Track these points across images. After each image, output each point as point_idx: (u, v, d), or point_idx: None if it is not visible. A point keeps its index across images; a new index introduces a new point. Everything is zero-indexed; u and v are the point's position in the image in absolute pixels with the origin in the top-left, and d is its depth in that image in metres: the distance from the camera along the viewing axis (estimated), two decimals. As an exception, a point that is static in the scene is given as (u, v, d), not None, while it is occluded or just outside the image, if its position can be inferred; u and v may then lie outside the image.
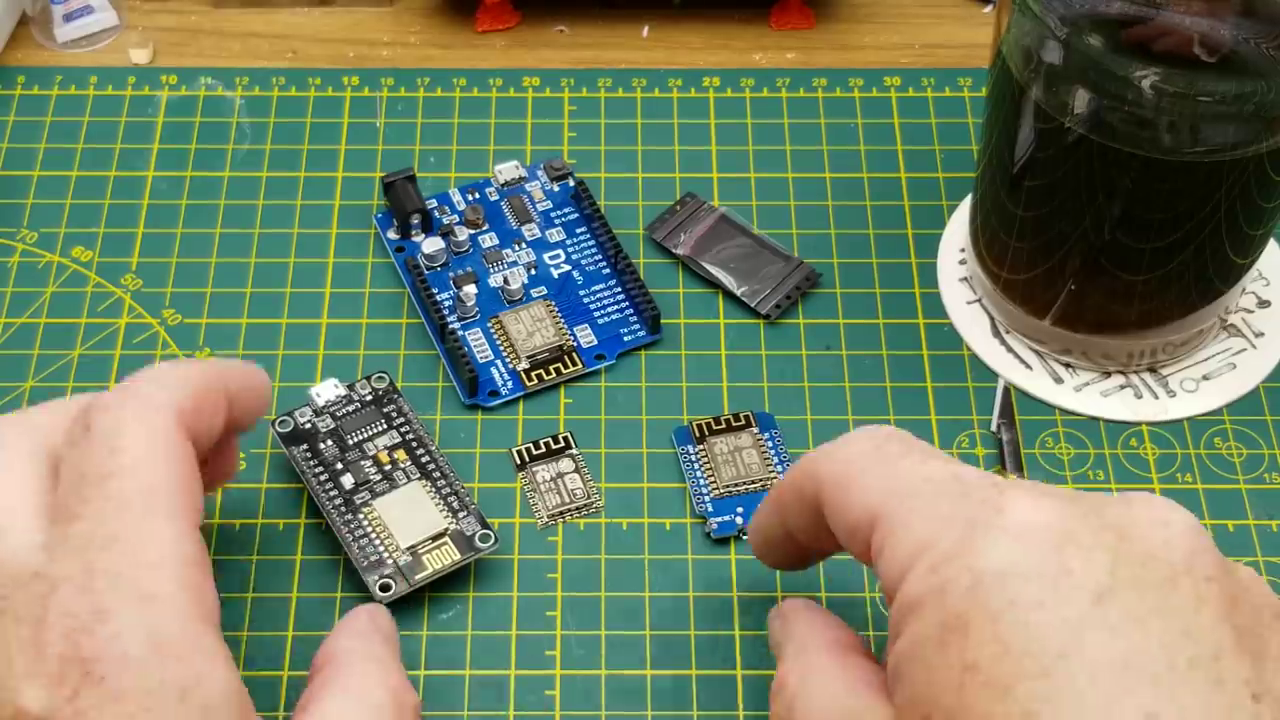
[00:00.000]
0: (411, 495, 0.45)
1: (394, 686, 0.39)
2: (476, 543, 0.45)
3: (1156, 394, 0.49)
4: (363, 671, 0.39)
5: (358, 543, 0.44)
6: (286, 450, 0.46)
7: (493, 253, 0.52)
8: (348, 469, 0.46)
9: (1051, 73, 0.43)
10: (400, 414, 0.47)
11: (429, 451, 0.46)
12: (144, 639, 0.33)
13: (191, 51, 0.59)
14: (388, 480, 0.46)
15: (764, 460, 0.47)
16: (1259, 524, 0.47)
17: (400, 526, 0.45)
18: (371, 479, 0.45)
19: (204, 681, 0.34)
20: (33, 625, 0.34)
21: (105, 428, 0.36)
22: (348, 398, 0.47)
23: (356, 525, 0.45)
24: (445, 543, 0.45)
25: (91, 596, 0.34)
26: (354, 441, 0.46)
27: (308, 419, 0.47)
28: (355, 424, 0.47)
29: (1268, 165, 0.43)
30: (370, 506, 0.45)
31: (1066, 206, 0.45)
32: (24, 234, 0.53)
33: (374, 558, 0.44)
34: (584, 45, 0.59)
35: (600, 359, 0.50)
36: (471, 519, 0.45)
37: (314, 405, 0.47)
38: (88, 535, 0.35)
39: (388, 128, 0.56)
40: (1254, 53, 0.41)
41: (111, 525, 0.35)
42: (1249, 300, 0.52)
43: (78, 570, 0.34)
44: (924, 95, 0.57)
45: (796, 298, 0.51)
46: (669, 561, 0.46)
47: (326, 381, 0.47)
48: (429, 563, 0.44)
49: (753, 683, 0.44)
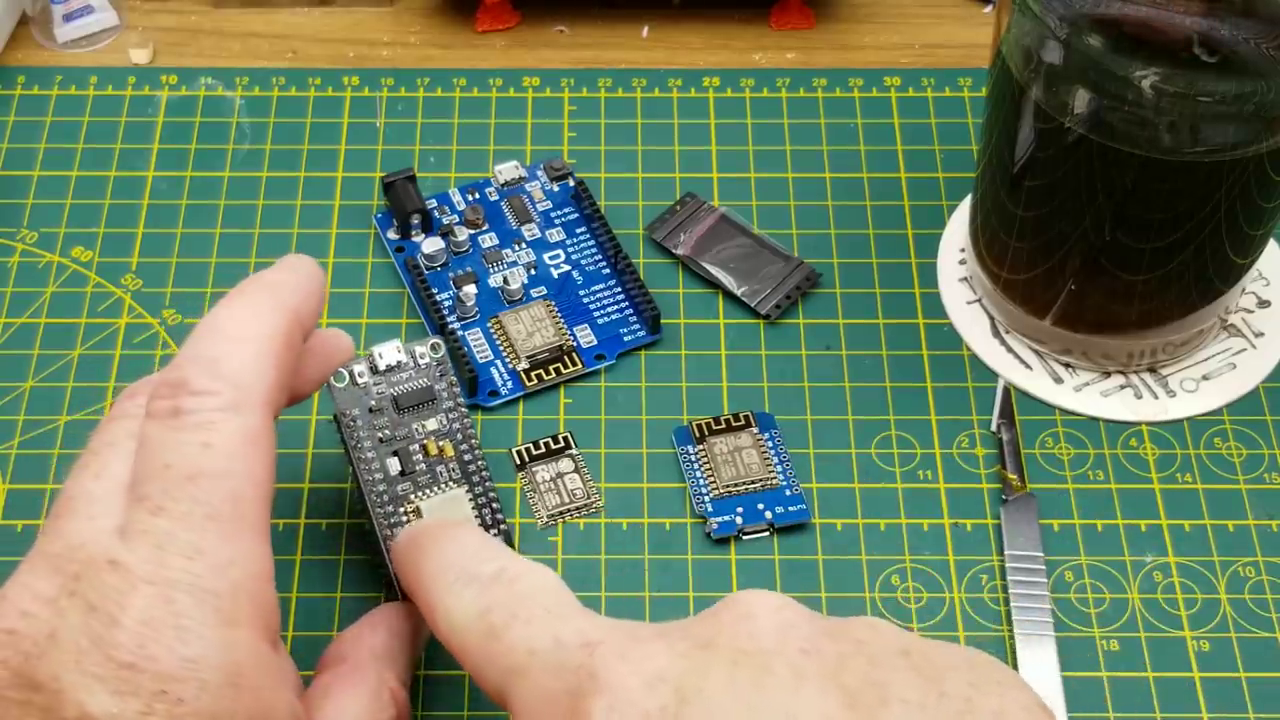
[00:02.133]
0: (452, 503, 0.42)
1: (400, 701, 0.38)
2: None
3: (1156, 394, 0.49)
4: (377, 673, 0.38)
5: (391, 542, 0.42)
6: (340, 409, 0.42)
7: (493, 253, 0.52)
8: (396, 452, 0.42)
9: (1051, 73, 0.43)
10: (450, 395, 0.43)
11: (472, 450, 0.43)
12: (225, 668, 0.32)
13: (191, 51, 0.59)
14: (430, 474, 0.42)
15: (764, 460, 0.47)
16: (1259, 524, 0.47)
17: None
18: (418, 469, 0.42)
19: (273, 713, 0.33)
20: (105, 623, 0.32)
21: (198, 419, 0.34)
22: (408, 363, 0.43)
23: (396, 521, 0.42)
24: None
25: (173, 609, 0.32)
26: (406, 419, 0.43)
27: (366, 379, 0.42)
28: (411, 399, 0.43)
29: (1268, 165, 0.43)
30: (412, 504, 0.42)
31: (1066, 206, 0.45)
32: (24, 234, 0.53)
33: None
34: (584, 45, 0.59)
35: (600, 359, 0.50)
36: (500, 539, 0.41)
37: (375, 364, 0.42)
38: (170, 536, 0.33)
39: (388, 128, 0.56)
40: (1254, 53, 0.41)
41: (197, 532, 0.33)
42: (1249, 300, 0.52)
43: (158, 573, 0.32)
44: (924, 95, 0.57)
45: (796, 298, 0.51)
46: (669, 561, 0.46)
47: (389, 343, 0.43)
48: None
49: (753, 683, 0.44)
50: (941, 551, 0.46)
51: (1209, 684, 0.44)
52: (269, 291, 0.37)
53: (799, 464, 0.48)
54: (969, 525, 0.47)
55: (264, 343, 0.36)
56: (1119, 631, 0.45)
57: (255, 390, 0.35)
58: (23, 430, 0.48)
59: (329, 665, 0.39)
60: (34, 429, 0.48)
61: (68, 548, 0.33)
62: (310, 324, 0.38)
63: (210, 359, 0.35)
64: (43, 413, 0.49)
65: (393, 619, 0.40)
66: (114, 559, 0.32)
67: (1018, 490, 0.47)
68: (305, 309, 0.38)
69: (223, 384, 0.35)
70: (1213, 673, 0.44)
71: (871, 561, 0.46)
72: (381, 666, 0.39)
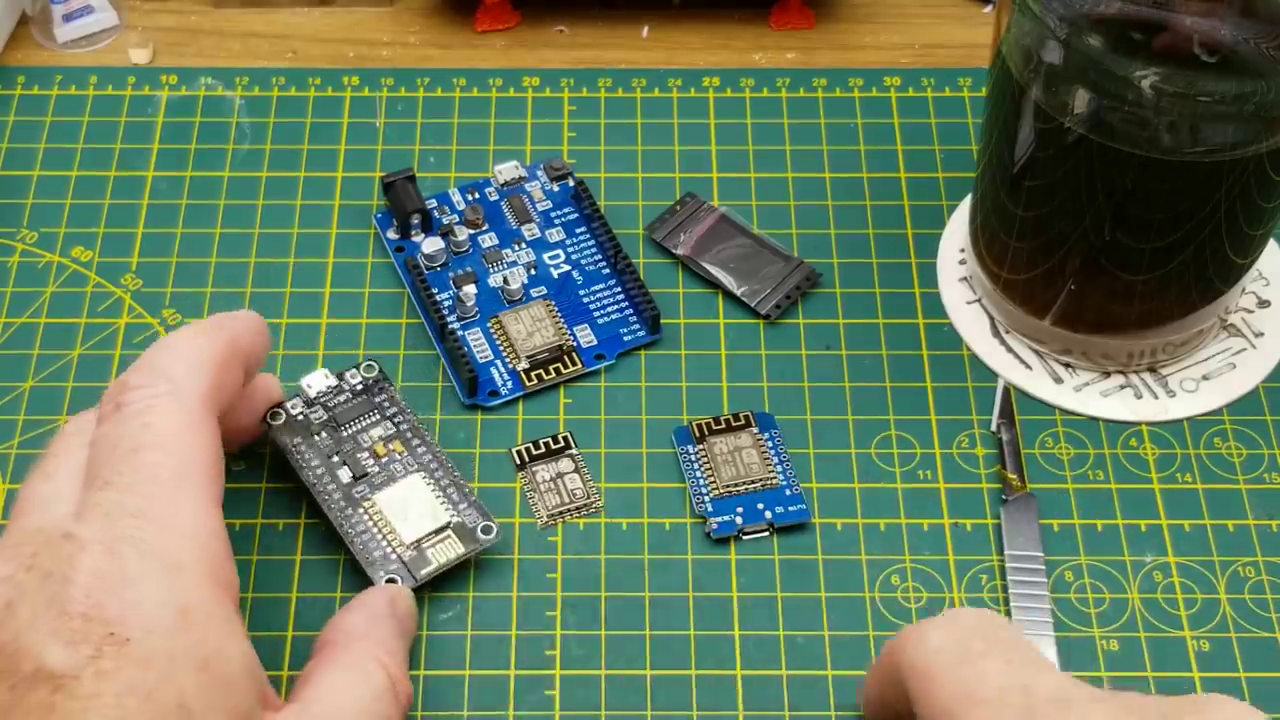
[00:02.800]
0: (411, 489, 0.45)
1: (395, 675, 0.39)
2: (479, 535, 0.44)
3: (1156, 394, 0.49)
4: (367, 654, 0.39)
5: (359, 539, 0.44)
6: (281, 443, 0.46)
7: (492, 253, 0.52)
8: (345, 462, 0.45)
9: (1051, 73, 0.43)
10: (393, 403, 0.46)
11: (425, 442, 0.46)
12: (170, 607, 0.34)
13: (191, 51, 0.59)
14: (385, 473, 0.45)
15: (764, 460, 0.47)
16: (1259, 524, 0.47)
17: (402, 522, 0.44)
18: (370, 471, 0.45)
19: (224, 653, 0.35)
20: (59, 583, 0.34)
21: (138, 406, 0.38)
22: (338, 387, 0.46)
23: (357, 520, 0.44)
24: (448, 536, 0.44)
25: (119, 560, 0.34)
26: (349, 433, 0.46)
27: (300, 411, 0.46)
28: (349, 415, 0.46)
29: (1268, 165, 0.43)
30: (370, 500, 0.44)
31: (1066, 206, 0.45)
32: (24, 234, 0.53)
33: (377, 554, 0.44)
34: (584, 45, 0.59)
35: (600, 359, 0.50)
36: (473, 511, 0.45)
37: (306, 396, 0.46)
38: (117, 503, 0.35)
39: (388, 128, 0.56)
40: (1254, 53, 0.41)
41: (141, 496, 0.36)
42: (1249, 300, 0.52)
43: (106, 534, 0.35)
44: (924, 95, 0.57)
45: (796, 298, 0.51)
46: (669, 561, 0.46)
47: (316, 372, 0.46)
48: (433, 557, 0.44)
49: (753, 683, 0.44)
50: (941, 551, 0.46)
51: (1209, 684, 0.44)
52: (209, 322, 0.42)
53: (799, 464, 0.48)
54: (969, 525, 0.47)
55: (200, 352, 0.40)
56: (1119, 631, 0.45)
57: (191, 386, 0.39)
58: (23, 430, 0.48)
59: (314, 653, 0.40)
60: (34, 429, 0.48)
61: (25, 534, 0.36)
62: (251, 357, 0.42)
63: (150, 364, 0.39)
64: (43, 413, 0.49)
65: (368, 599, 0.42)
66: (68, 532, 0.35)
67: (1018, 490, 0.47)
68: (244, 338, 0.42)
69: (160, 378, 0.39)
70: (1213, 673, 0.44)
71: (871, 561, 0.46)
72: (364, 642, 0.40)
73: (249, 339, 0.42)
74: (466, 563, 0.45)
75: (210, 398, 0.39)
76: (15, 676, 0.33)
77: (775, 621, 0.45)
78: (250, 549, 0.46)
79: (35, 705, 0.32)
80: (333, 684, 0.38)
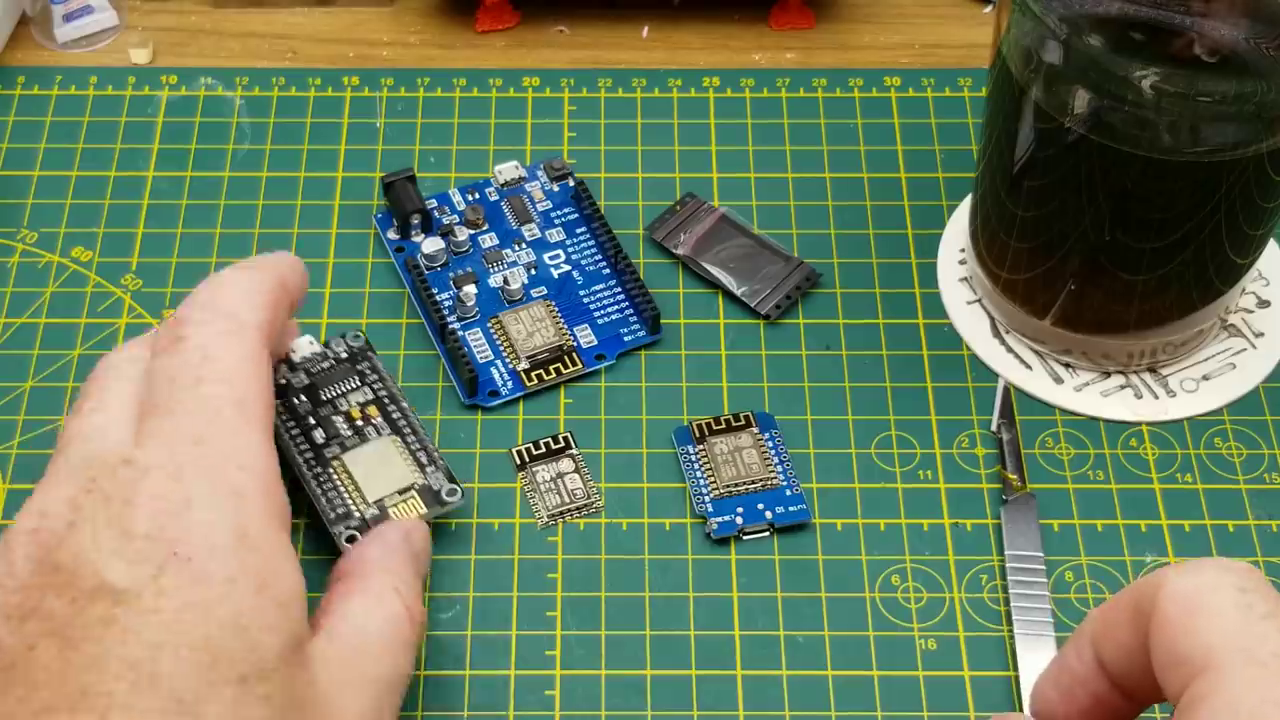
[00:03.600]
0: (381, 450, 0.45)
1: (410, 602, 0.40)
2: (444, 497, 0.45)
3: (1156, 394, 0.49)
4: (384, 583, 0.40)
5: (325, 495, 0.45)
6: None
7: (493, 253, 0.52)
8: (319, 423, 0.46)
9: (1051, 73, 0.43)
10: (374, 371, 0.47)
11: (400, 408, 0.46)
12: (229, 529, 0.35)
13: (191, 51, 0.59)
14: (358, 435, 0.46)
15: (764, 460, 0.47)
16: (1259, 524, 0.47)
17: (368, 480, 0.45)
18: (342, 433, 0.46)
19: (280, 577, 0.35)
20: (121, 505, 0.35)
21: (198, 340, 0.38)
22: (323, 354, 0.47)
23: (325, 478, 0.45)
24: (412, 496, 0.45)
25: (181, 485, 0.35)
26: (327, 397, 0.46)
27: (282, 374, 0.47)
28: (329, 380, 0.47)
29: (1268, 165, 0.43)
30: (340, 460, 0.45)
31: (1066, 206, 0.45)
32: (24, 234, 0.53)
33: (341, 510, 0.45)
34: (584, 45, 0.59)
35: (600, 359, 0.50)
36: (439, 474, 0.45)
37: (290, 360, 0.47)
38: (178, 430, 0.36)
39: (388, 128, 0.56)
40: (1254, 53, 0.41)
41: (203, 425, 0.37)
42: (1249, 300, 0.52)
43: (168, 460, 0.36)
44: (924, 95, 0.57)
45: (796, 298, 0.51)
46: (669, 561, 0.46)
47: (303, 338, 0.47)
48: (395, 515, 0.45)
49: (753, 683, 0.44)
50: (941, 551, 0.46)
51: (1209, 684, 0.43)
52: (254, 261, 0.42)
53: (799, 464, 0.48)
54: (969, 525, 0.47)
55: (257, 288, 0.40)
56: (1119, 631, 0.45)
57: (250, 321, 0.39)
58: (23, 430, 0.48)
59: (330, 584, 0.41)
60: (34, 429, 0.48)
61: (82, 460, 0.36)
62: (295, 296, 0.42)
63: (208, 300, 0.40)
64: (43, 413, 0.49)
65: (384, 532, 0.43)
66: (128, 458, 0.36)
67: (1018, 490, 0.47)
68: (291, 279, 0.42)
69: (219, 314, 0.39)
70: (1213, 673, 0.44)
71: (871, 561, 0.46)
72: (380, 571, 0.41)
73: (295, 279, 0.43)
74: (467, 562, 0.45)
75: (266, 333, 0.40)
76: (75, 590, 0.33)
77: (775, 621, 0.45)
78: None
79: (95, 618, 0.33)
80: (351, 611, 0.39)
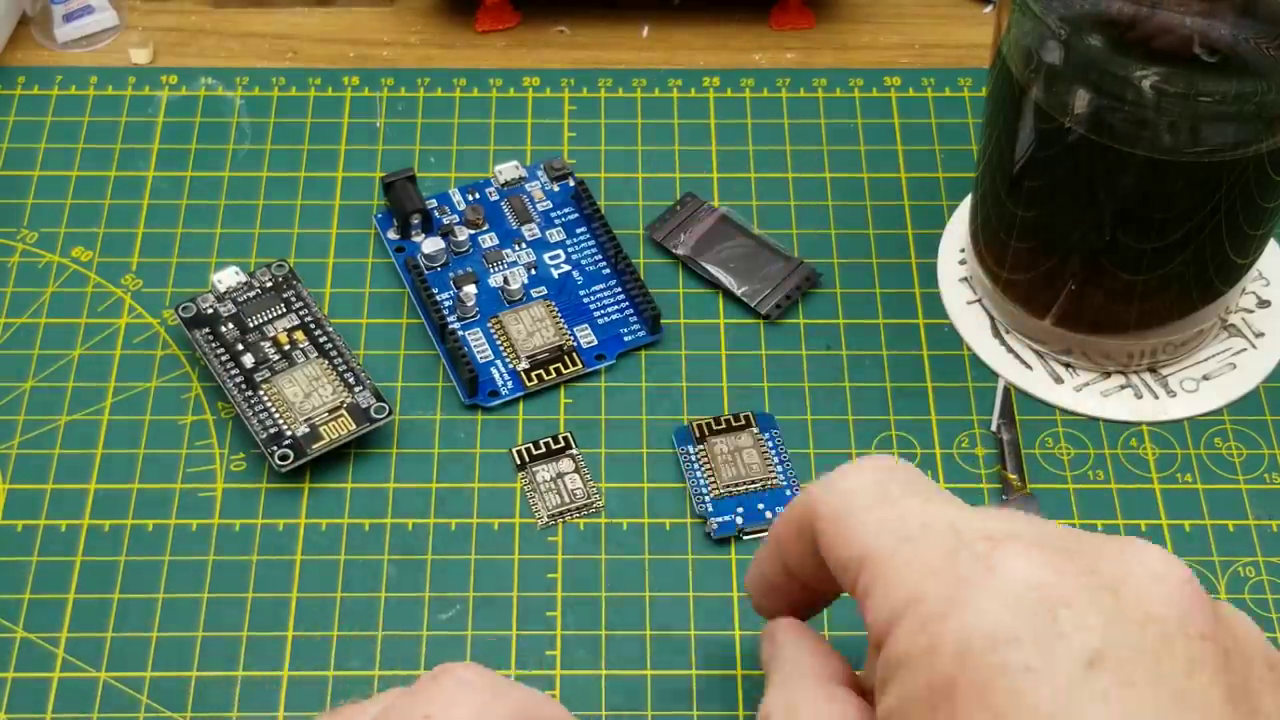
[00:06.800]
0: (309, 373, 0.47)
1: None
2: (372, 414, 0.47)
3: (1156, 394, 0.49)
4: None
5: (257, 417, 0.46)
6: (189, 333, 0.48)
7: (493, 253, 0.52)
8: (248, 349, 0.48)
9: (1051, 73, 0.43)
10: (299, 299, 0.49)
11: (326, 332, 0.48)
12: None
13: (191, 51, 0.59)
14: (287, 360, 0.48)
15: (764, 460, 0.47)
16: (1259, 524, 0.47)
17: (298, 401, 0.47)
18: (271, 358, 0.48)
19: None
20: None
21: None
22: (248, 284, 0.49)
23: (257, 401, 0.47)
24: (341, 415, 0.47)
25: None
26: (254, 325, 0.48)
27: (210, 304, 0.49)
28: (255, 308, 0.48)
29: (1268, 165, 0.43)
30: (270, 384, 0.47)
31: (1066, 206, 0.45)
32: (24, 234, 0.53)
33: (273, 430, 0.46)
34: (584, 45, 0.59)
35: (600, 359, 0.50)
36: (366, 392, 0.47)
37: (216, 291, 0.49)
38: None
39: (388, 128, 0.56)
40: (1254, 53, 0.41)
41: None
42: (1249, 300, 0.52)
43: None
44: (924, 95, 0.57)
45: (796, 298, 0.51)
46: (669, 561, 0.46)
47: (227, 269, 0.49)
48: (325, 433, 0.46)
49: (753, 683, 0.44)
50: (941, 551, 0.46)
51: (1209, 684, 0.44)
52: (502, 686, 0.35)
53: (799, 464, 0.48)
54: (969, 525, 0.47)
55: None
56: (1119, 631, 0.45)
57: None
58: (23, 430, 0.48)
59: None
60: (34, 429, 0.48)
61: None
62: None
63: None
64: (43, 413, 0.49)
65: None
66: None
67: (1018, 490, 0.47)
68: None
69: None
70: (1213, 673, 0.44)
71: (871, 561, 0.46)
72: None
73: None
74: (467, 562, 0.45)
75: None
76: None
77: (775, 621, 0.45)
78: (251, 549, 0.46)
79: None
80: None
